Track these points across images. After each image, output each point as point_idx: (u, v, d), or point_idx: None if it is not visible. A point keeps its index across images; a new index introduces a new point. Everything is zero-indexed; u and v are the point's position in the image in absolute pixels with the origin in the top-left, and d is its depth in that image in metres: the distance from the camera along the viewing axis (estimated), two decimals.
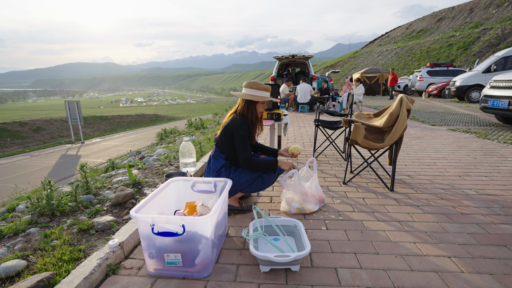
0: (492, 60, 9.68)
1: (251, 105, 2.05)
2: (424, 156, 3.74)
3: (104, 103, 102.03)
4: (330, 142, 3.72)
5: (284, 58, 10.21)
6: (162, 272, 1.45)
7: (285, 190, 2.21)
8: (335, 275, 1.43)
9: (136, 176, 3.04)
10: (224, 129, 2.03)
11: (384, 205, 2.25)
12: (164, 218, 1.35)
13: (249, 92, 2.04)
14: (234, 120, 2.00)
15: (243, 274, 1.45)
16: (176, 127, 10.19)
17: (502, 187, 2.62)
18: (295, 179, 2.12)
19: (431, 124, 6.40)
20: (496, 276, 1.41)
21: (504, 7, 25.94)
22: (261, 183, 2.07)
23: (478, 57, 20.98)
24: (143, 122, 34.65)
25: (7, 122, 23.10)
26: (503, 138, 4.74)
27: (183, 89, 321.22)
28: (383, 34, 45.28)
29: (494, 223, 1.95)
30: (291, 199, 2.15)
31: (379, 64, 31.67)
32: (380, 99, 14.35)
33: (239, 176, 2.02)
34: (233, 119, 2.01)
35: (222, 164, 2.05)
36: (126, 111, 50.71)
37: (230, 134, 1.99)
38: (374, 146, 2.53)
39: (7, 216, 2.54)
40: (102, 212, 2.18)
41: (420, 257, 1.57)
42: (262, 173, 2.07)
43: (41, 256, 1.56)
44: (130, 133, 20.88)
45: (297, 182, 2.13)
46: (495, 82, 5.56)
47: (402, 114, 2.42)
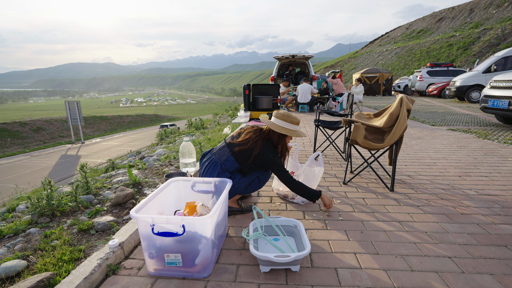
0: (492, 60, 9.68)
1: (283, 138, 2.04)
2: (424, 156, 3.74)
3: (104, 103, 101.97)
4: (330, 142, 3.72)
5: (284, 58, 10.21)
6: (162, 272, 1.45)
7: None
8: (335, 275, 1.43)
9: (136, 176, 3.04)
10: (255, 157, 1.96)
11: (384, 205, 2.25)
12: (164, 218, 1.35)
13: (282, 124, 2.01)
14: (266, 150, 1.96)
15: (243, 274, 1.45)
16: (176, 127, 10.19)
17: (502, 187, 2.62)
18: (295, 154, 2.23)
19: (431, 124, 6.40)
20: (496, 276, 1.41)
21: (504, 7, 25.94)
22: (258, 184, 2.10)
23: (478, 57, 20.99)
24: (143, 122, 34.64)
25: (7, 122, 23.11)
26: (503, 138, 4.73)
27: (183, 89, 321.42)
28: (383, 34, 45.31)
29: (494, 223, 1.95)
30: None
31: (379, 64, 31.68)
32: (380, 99, 14.34)
33: (238, 183, 2.02)
34: (266, 150, 1.96)
35: (229, 176, 2.01)
36: (126, 111, 50.70)
37: (261, 162, 1.98)
38: (374, 146, 2.53)
39: (7, 216, 2.55)
40: (102, 212, 2.18)
41: (420, 257, 1.57)
42: (259, 174, 2.07)
43: (41, 256, 1.56)
44: (130, 133, 20.89)
45: (295, 160, 2.24)
46: (495, 82, 5.56)
47: (402, 114, 2.42)
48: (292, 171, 2.43)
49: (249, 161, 1.98)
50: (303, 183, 2.04)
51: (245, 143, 1.98)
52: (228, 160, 2.00)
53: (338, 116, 4.25)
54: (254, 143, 1.97)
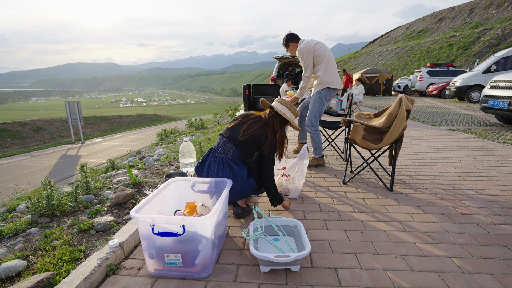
0: (492, 60, 9.68)
1: (283, 124, 1.98)
2: (424, 156, 3.74)
3: (104, 103, 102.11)
4: (330, 142, 3.72)
5: (284, 58, 10.21)
6: (162, 272, 1.45)
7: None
8: (335, 275, 1.43)
9: (136, 176, 3.04)
10: (251, 137, 1.85)
11: (384, 205, 2.25)
12: (164, 218, 1.35)
13: (286, 112, 1.94)
14: (271, 136, 1.86)
15: (243, 274, 1.45)
16: (176, 127, 10.20)
17: (503, 187, 2.62)
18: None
19: (431, 124, 6.40)
20: (496, 276, 1.41)
21: (504, 7, 25.95)
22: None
23: (478, 57, 20.99)
24: (143, 122, 34.68)
25: (7, 122, 23.12)
26: (503, 138, 4.73)
27: (183, 89, 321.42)
28: (383, 34, 45.32)
29: (494, 224, 1.95)
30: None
31: (379, 64, 31.68)
32: (380, 99, 14.34)
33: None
34: (271, 135, 1.87)
35: (246, 170, 1.94)
36: (126, 111, 50.75)
37: (256, 145, 1.87)
38: (372, 146, 2.53)
39: (7, 216, 2.54)
40: (102, 212, 2.18)
41: (420, 257, 1.57)
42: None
43: (41, 256, 1.56)
44: (130, 133, 20.90)
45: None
46: (495, 82, 5.56)
47: (401, 114, 2.42)
48: (283, 166, 2.44)
49: (251, 149, 1.87)
50: (275, 185, 2.02)
51: (251, 131, 1.87)
52: (235, 155, 1.89)
53: (337, 116, 4.25)
54: (259, 128, 1.89)
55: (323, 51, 2.89)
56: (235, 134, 1.92)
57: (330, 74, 2.92)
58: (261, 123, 1.93)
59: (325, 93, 2.97)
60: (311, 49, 2.86)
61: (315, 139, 3.12)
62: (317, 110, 3.03)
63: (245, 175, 1.90)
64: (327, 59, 2.90)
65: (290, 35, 2.99)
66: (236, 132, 1.92)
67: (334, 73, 2.95)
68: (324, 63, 2.89)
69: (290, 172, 2.37)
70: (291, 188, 2.37)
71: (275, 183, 2.02)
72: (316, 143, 3.15)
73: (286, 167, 2.41)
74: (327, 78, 2.91)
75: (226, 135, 1.97)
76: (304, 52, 2.86)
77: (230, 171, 1.87)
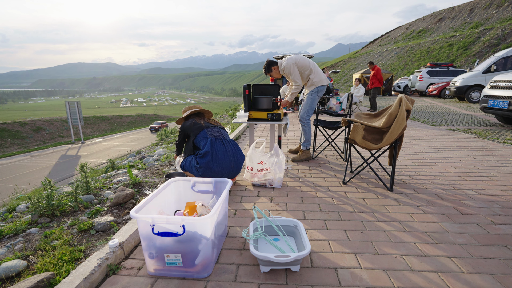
0: (492, 60, 9.67)
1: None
2: (424, 156, 3.74)
3: (104, 103, 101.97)
4: (330, 142, 3.72)
5: None
6: (162, 272, 1.45)
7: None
8: (335, 275, 1.43)
9: (136, 176, 3.04)
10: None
11: (384, 205, 2.25)
12: (164, 218, 1.35)
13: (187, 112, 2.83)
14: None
15: (243, 274, 1.45)
16: (176, 127, 10.20)
17: (503, 187, 2.62)
18: (262, 147, 2.80)
19: (431, 124, 6.40)
20: (496, 276, 1.41)
21: (504, 7, 25.94)
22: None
23: (478, 57, 20.98)
24: (143, 122, 34.66)
25: (8, 122, 23.12)
26: (503, 138, 4.73)
27: (183, 89, 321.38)
28: (383, 34, 45.30)
29: (494, 223, 1.95)
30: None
31: (379, 65, 31.67)
32: (380, 99, 14.34)
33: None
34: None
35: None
36: (126, 111, 50.71)
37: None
38: (372, 146, 2.53)
39: (7, 216, 2.55)
40: (102, 212, 2.18)
41: (420, 257, 1.57)
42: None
43: (41, 256, 1.56)
44: (130, 133, 20.89)
45: (262, 151, 2.71)
46: (495, 82, 5.56)
47: (400, 114, 2.41)
48: (261, 160, 2.67)
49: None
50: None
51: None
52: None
53: (337, 116, 4.25)
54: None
55: (304, 62, 3.39)
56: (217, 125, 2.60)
57: (318, 75, 3.46)
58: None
59: (317, 90, 3.49)
60: (295, 63, 3.35)
61: (306, 131, 3.52)
62: (309, 105, 3.51)
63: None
64: (312, 65, 3.42)
65: (270, 61, 3.51)
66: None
67: (320, 74, 3.47)
68: (311, 69, 3.41)
69: (269, 165, 2.65)
70: (274, 178, 2.64)
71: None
72: (307, 135, 3.53)
73: (263, 161, 2.67)
74: (317, 79, 3.45)
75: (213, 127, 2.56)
76: (291, 67, 3.34)
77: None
